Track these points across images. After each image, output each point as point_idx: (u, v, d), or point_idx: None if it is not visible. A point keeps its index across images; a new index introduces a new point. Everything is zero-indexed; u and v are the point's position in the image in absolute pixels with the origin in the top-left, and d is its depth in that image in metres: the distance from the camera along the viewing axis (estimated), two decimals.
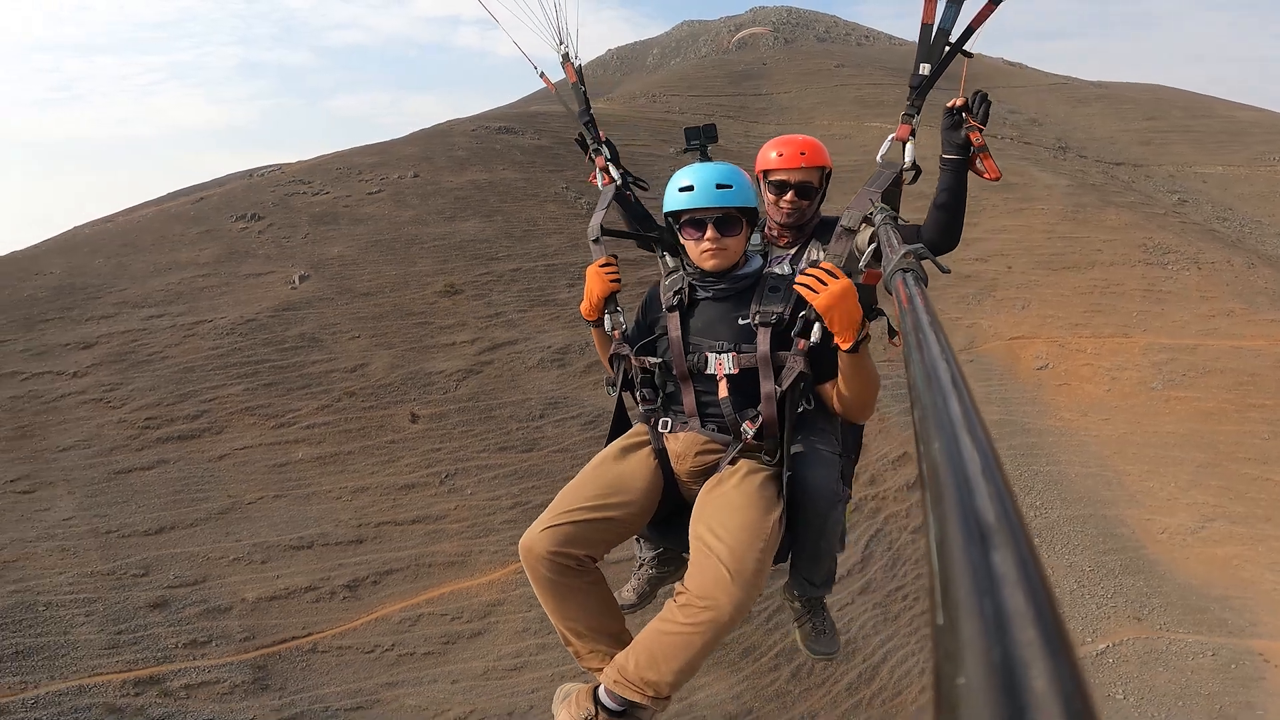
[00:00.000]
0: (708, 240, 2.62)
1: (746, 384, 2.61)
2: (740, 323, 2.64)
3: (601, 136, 3.39)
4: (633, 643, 2.36)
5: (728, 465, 2.59)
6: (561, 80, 3.52)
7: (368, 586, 11.71)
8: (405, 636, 11.45)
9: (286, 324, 14.78)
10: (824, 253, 3.03)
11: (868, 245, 2.62)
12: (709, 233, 2.61)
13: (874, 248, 2.45)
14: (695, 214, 2.64)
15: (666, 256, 2.99)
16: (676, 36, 63.65)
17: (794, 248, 3.26)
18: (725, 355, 2.61)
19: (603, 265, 2.83)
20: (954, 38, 2.63)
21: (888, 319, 2.55)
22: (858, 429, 3.21)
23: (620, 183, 3.28)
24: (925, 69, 2.65)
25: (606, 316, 2.84)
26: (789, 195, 3.16)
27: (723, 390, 2.62)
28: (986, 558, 0.48)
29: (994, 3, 2.58)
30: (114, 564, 10.95)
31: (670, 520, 2.76)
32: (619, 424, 2.96)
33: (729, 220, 2.63)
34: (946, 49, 2.63)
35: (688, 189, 2.64)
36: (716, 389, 2.64)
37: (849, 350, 2.34)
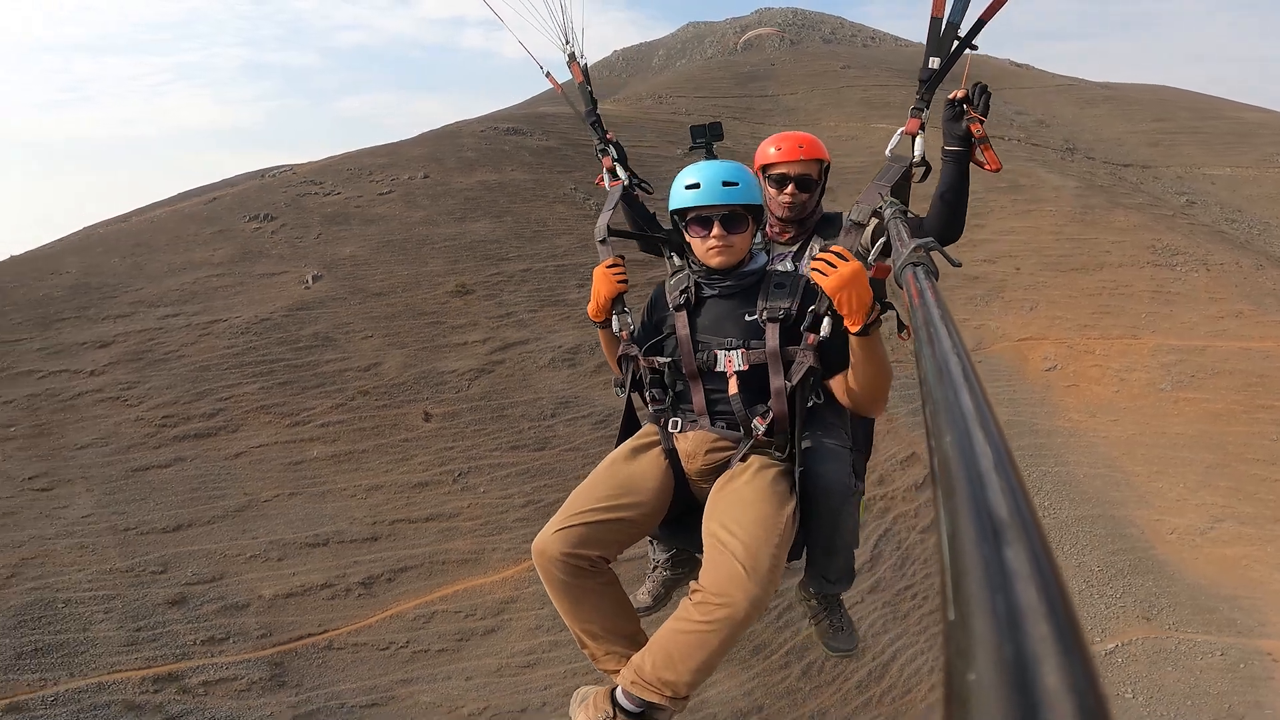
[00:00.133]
0: (714, 238, 2.63)
1: (756, 380, 2.62)
2: (747, 319, 2.65)
3: (610, 137, 3.42)
4: (649, 643, 2.36)
5: (739, 462, 2.59)
6: (568, 81, 3.52)
7: (382, 584, 11.79)
8: (420, 633, 11.52)
9: (300, 323, 14.91)
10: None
11: (871, 242, 2.68)
12: (715, 230, 2.63)
13: (884, 241, 2.47)
14: (701, 211, 2.65)
15: (674, 257, 3.00)
16: (682, 38, 63.66)
17: (796, 244, 3.29)
18: (735, 352, 2.62)
19: (610, 266, 2.83)
20: (963, 32, 2.64)
21: (897, 313, 2.55)
22: (868, 424, 3.23)
23: (627, 183, 3.27)
24: (935, 63, 2.66)
25: (614, 317, 2.84)
26: (789, 188, 3.20)
27: (733, 387, 2.63)
28: (999, 553, 0.48)
29: None
30: (132, 561, 11.03)
31: (682, 520, 2.76)
32: (628, 425, 2.97)
33: (735, 217, 2.65)
34: (956, 43, 2.63)
35: (694, 187, 2.64)
36: (726, 386, 2.65)
37: (859, 333, 2.33)
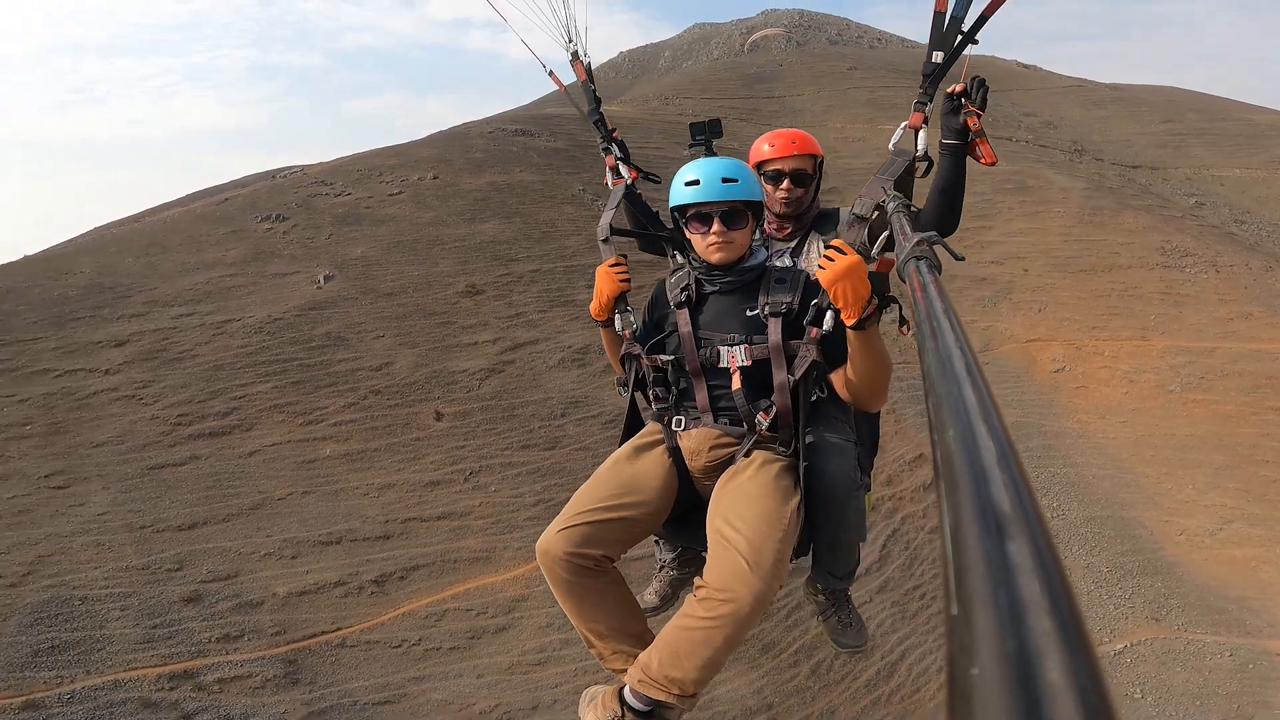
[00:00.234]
0: (714, 234, 2.65)
1: (759, 376, 2.63)
2: (749, 314, 2.66)
3: (615, 135, 3.44)
4: (655, 641, 2.36)
5: (742, 458, 2.60)
6: (573, 83, 3.52)
7: (395, 582, 11.87)
8: (431, 631, 11.59)
9: (313, 323, 15.02)
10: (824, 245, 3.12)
11: (869, 239, 2.70)
12: (715, 226, 2.64)
13: (886, 235, 2.53)
14: (701, 208, 2.67)
15: (677, 256, 3.02)
16: (688, 39, 63.75)
17: (794, 240, 3.33)
18: (738, 348, 2.63)
19: (612, 265, 2.84)
20: (966, 26, 2.70)
21: (900, 307, 2.58)
22: (873, 420, 3.26)
23: (629, 182, 3.30)
24: (938, 57, 2.71)
25: (617, 316, 2.85)
26: (785, 184, 3.25)
27: (736, 382, 2.64)
28: (1002, 547, 0.48)
29: None
30: (148, 558, 11.13)
31: (687, 519, 2.77)
32: (632, 424, 2.97)
33: (735, 214, 2.66)
34: (959, 37, 2.69)
35: (693, 183, 2.66)
36: (729, 383, 2.66)
37: (854, 326, 2.35)
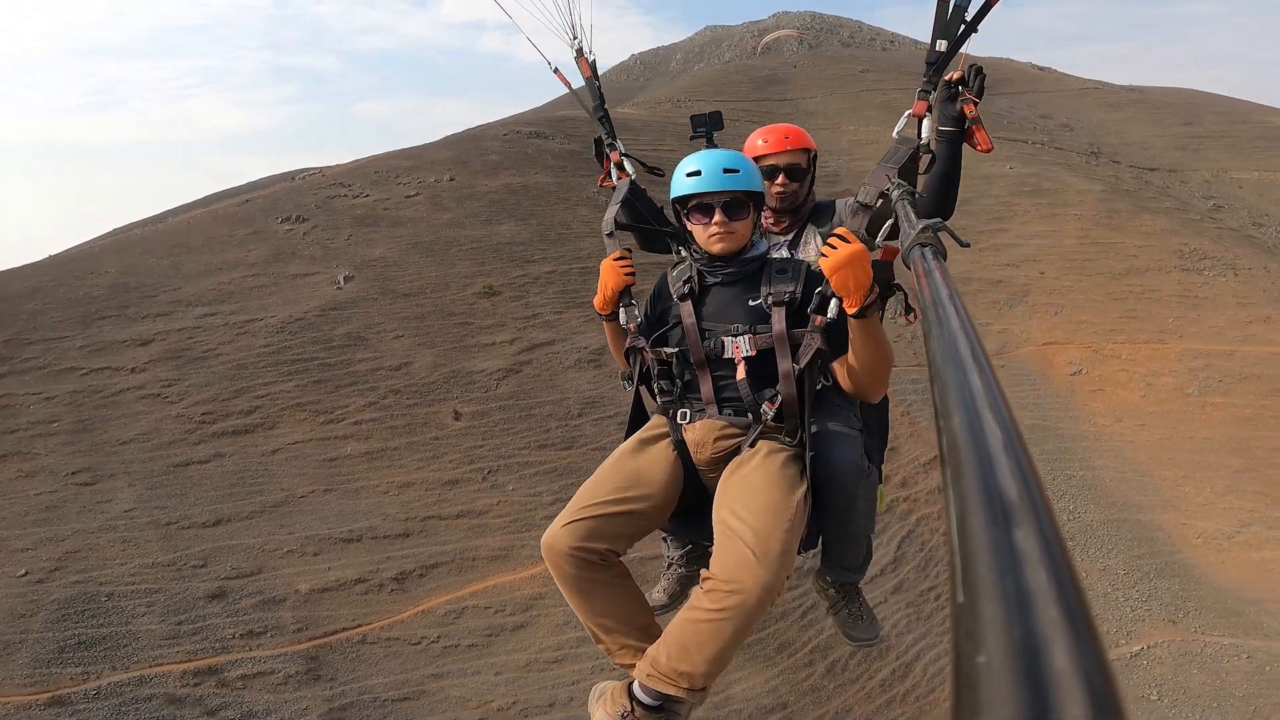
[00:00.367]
0: (715, 224, 2.64)
1: (763, 365, 2.62)
2: (751, 304, 2.65)
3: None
4: (663, 635, 2.33)
5: (748, 448, 2.57)
6: (581, 86, 3.48)
7: (414, 579, 12.00)
8: (450, 629, 11.69)
9: (333, 323, 15.21)
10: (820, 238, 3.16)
11: (868, 229, 2.68)
12: (717, 217, 2.63)
13: (891, 223, 2.50)
14: (703, 199, 2.66)
15: (681, 251, 2.97)
16: (699, 41, 63.87)
17: (790, 233, 3.34)
18: (742, 338, 2.61)
19: (617, 259, 2.84)
20: (969, 15, 2.67)
21: (905, 294, 2.53)
22: (881, 409, 3.22)
23: (634, 177, 3.28)
24: (942, 45, 2.69)
25: (621, 310, 2.85)
26: (780, 179, 3.26)
27: (740, 373, 2.62)
28: (1008, 535, 0.47)
29: None
30: (174, 555, 11.29)
31: (694, 513, 2.73)
32: (636, 418, 2.95)
33: (736, 204, 2.65)
34: (962, 26, 2.67)
35: (695, 174, 2.65)
36: (734, 373, 2.64)
37: (855, 315, 2.34)
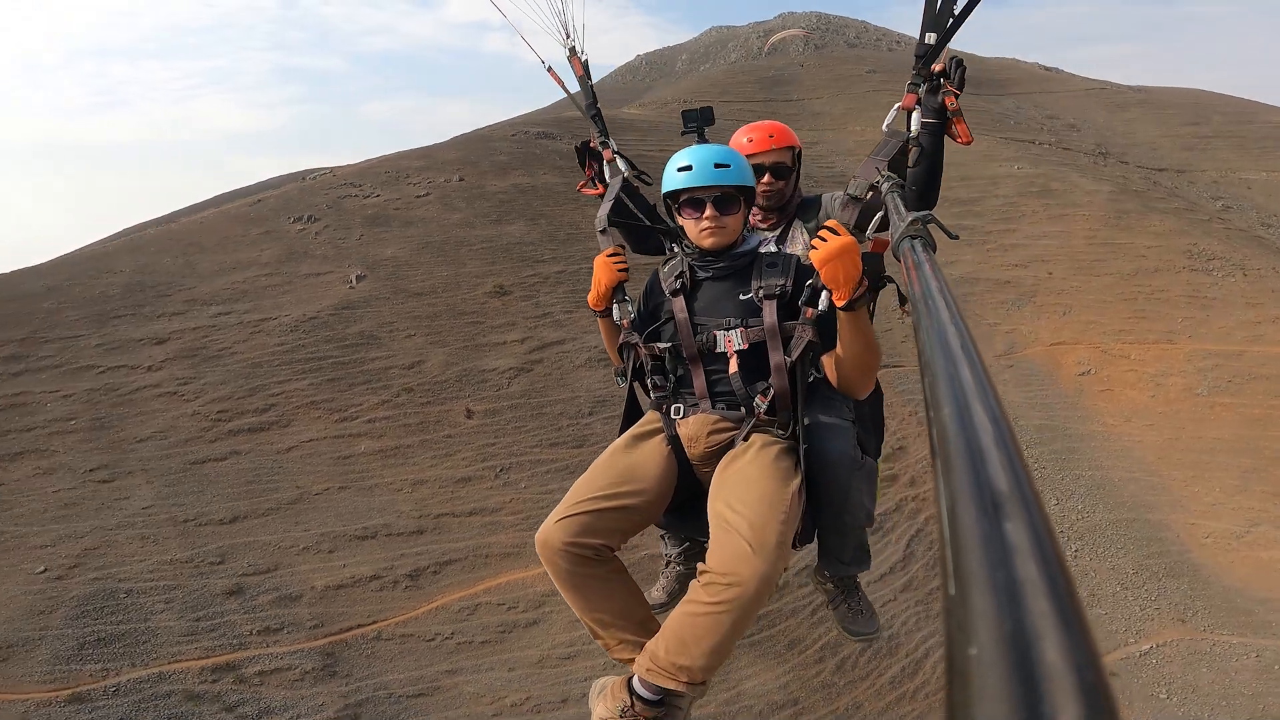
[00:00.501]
0: (707, 219, 2.66)
1: (756, 358, 2.63)
2: (742, 298, 2.66)
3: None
4: (661, 629, 2.33)
5: (741, 441, 2.58)
6: (579, 93, 3.52)
7: (428, 576, 12.09)
8: (464, 625, 11.78)
9: (346, 322, 15.33)
10: (807, 234, 3.20)
11: (856, 222, 2.69)
12: (708, 211, 2.66)
13: (881, 215, 2.52)
14: (694, 193, 2.68)
15: (674, 248, 3.00)
16: (705, 42, 63.86)
17: (777, 229, 3.39)
18: (734, 331, 2.63)
19: (610, 255, 2.88)
20: (958, 8, 2.69)
21: (897, 286, 2.58)
22: (876, 401, 3.24)
23: (626, 174, 3.30)
24: (931, 38, 2.73)
25: (615, 306, 2.88)
26: (766, 177, 3.30)
27: (733, 366, 2.64)
28: (999, 527, 0.48)
29: None
30: (192, 552, 11.40)
31: (689, 509, 2.75)
32: (630, 414, 2.96)
33: (727, 199, 2.68)
34: (951, 19, 2.70)
35: (686, 169, 2.67)
36: (726, 367, 2.66)
37: (844, 307, 2.36)
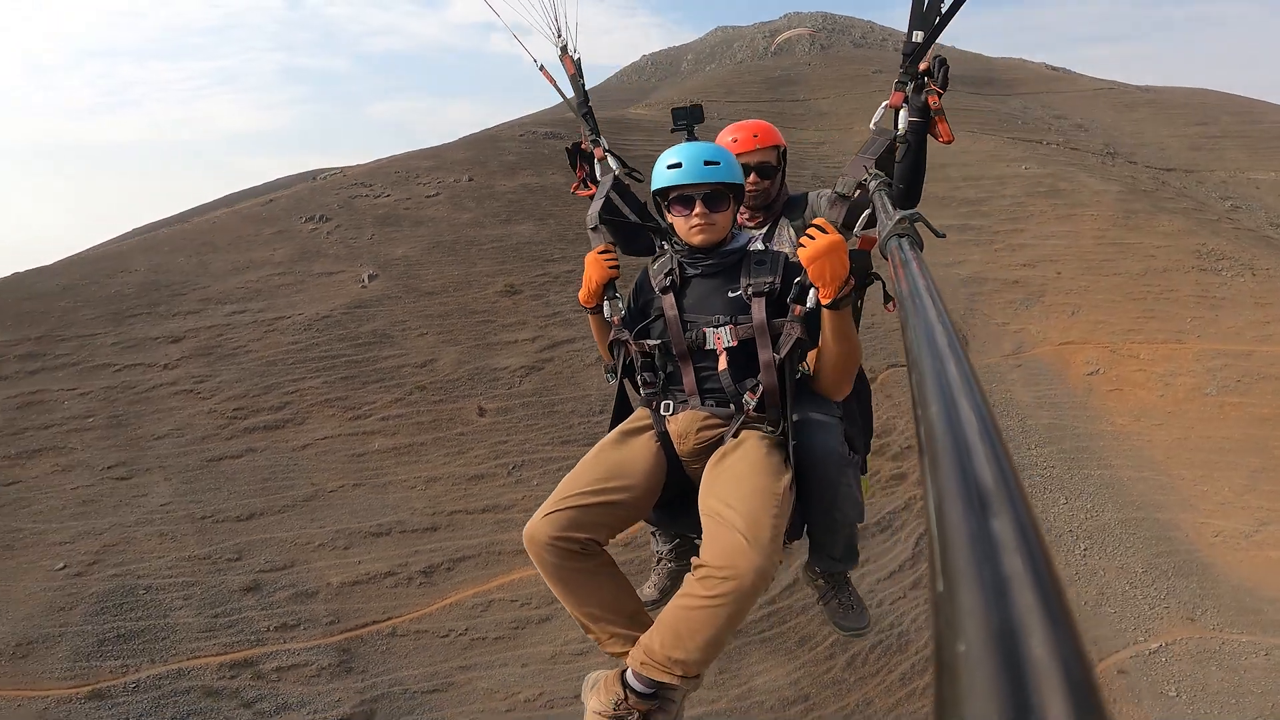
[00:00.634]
0: (696, 216, 2.67)
1: (745, 355, 2.64)
2: (731, 295, 2.67)
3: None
4: (656, 622, 2.33)
5: (731, 438, 2.59)
6: (576, 101, 3.48)
7: (442, 572, 12.20)
8: (478, 621, 11.88)
9: (359, 321, 15.46)
10: (794, 231, 3.26)
11: (844, 221, 2.72)
12: (698, 209, 2.67)
13: (868, 213, 2.52)
14: (684, 190, 2.69)
15: (664, 246, 2.99)
16: (710, 42, 63.80)
17: (764, 227, 3.42)
18: (723, 329, 2.64)
19: (601, 252, 2.87)
20: (944, 7, 2.72)
21: (884, 284, 2.56)
22: (865, 399, 3.25)
23: (617, 172, 3.30)
24: (918, 36, 2.75)
25: (605, 303, 2.88)
26: (751, 177, 3.32)
27: (722, 363, 2.64)
28: (985, 523, 0.48)
29: None
30: (210, 548, 11.52)
31: (679, 505, 2.74)
32: (620, 411, 2.98)
33: (717, 196, 2.69)
34: (938, 18, 2.72)
35: (676, 166, 2.68)
36: (716, 364, 2.66)
37: (829, 305, 2.38)
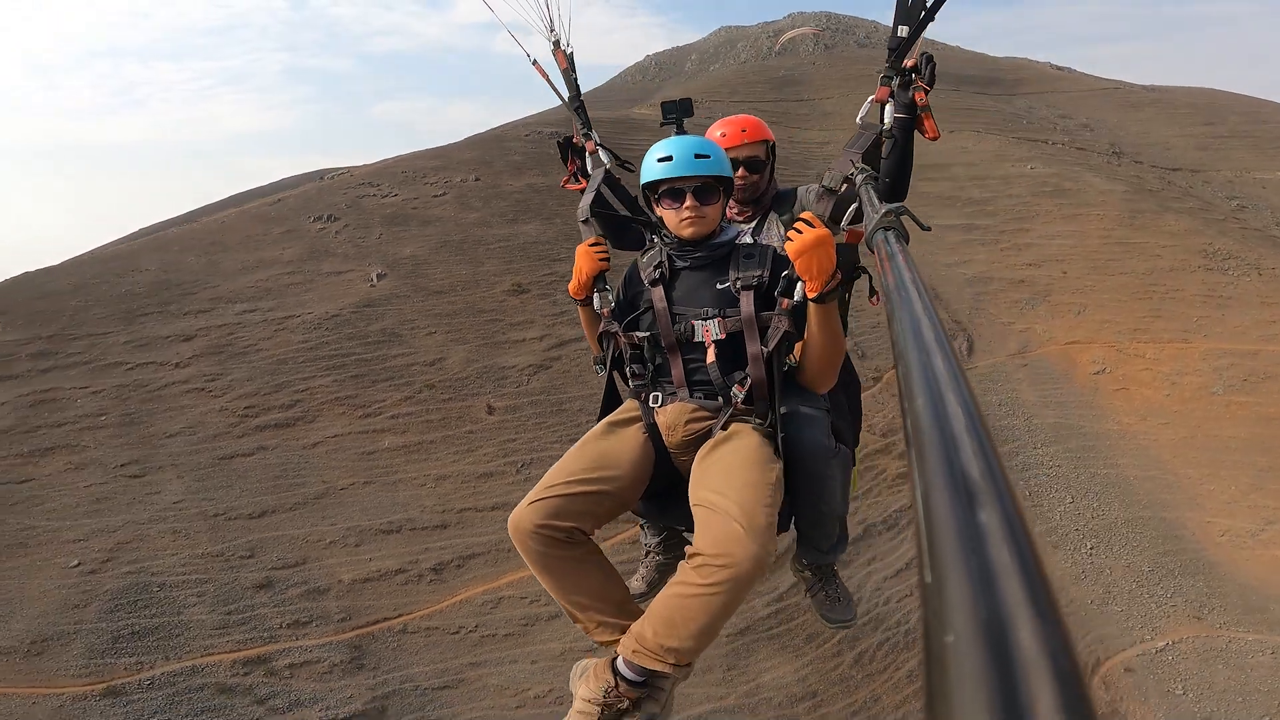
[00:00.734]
0: (687, 209, 2.68)
1: (733, 348, 2.65)
2: (720, 288, 2.68)
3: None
4: (648, 611, 2.31)
5: (720, 430, 2.59)
6: (577, 102, 3.50)
7: (452, 570, 12.27)
8: (488, 618, 11.93)
9: (368, 319, 15.54)
10: (782, 227, 3.32)
11: (831, 215, 2.75)
12: (688, 201, 2.67)
13: (855, 207, 2.56)
14: (674, 183, 2.70)
15: (654, 240, 2.99)
16: (714, 42, 63.86)
17: (753, 221, 3.42)
18: (711, 321, 2.64)
19: (592, 245, 2.88)
20: (929, 2, 2.74)
21: (870, 278, 2.56)
22: (854, 392, 3.27)
23: (609, 165, 3.31)
24: (904, 31, 2.76)
25: (595, 295, 2.89)
26: (740, 171, 3.32)
27: (710, 356, 2.65)
28: (972, 515, 0.48)
29: None
30: (222, 546, 11.58)
31: (667, 497, 2.76)
32: (609, 402, 2.97)
33: (707, 189, 2.70)
34: (923, 13, 2.74)
35: (666, 159, 2.69)
36: (704, 356, 2.66)
37: (816, 299, 2.40)
